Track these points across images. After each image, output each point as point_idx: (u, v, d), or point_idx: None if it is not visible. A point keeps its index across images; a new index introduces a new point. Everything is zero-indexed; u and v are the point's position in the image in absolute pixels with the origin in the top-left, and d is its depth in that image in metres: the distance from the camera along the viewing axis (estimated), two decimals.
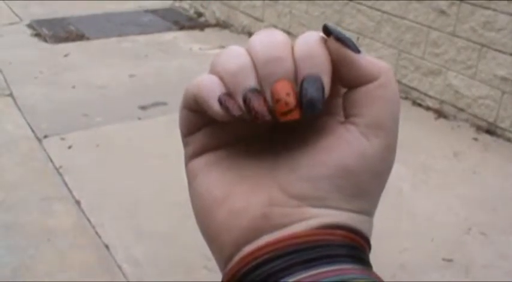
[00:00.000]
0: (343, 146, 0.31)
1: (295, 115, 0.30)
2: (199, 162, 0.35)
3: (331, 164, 0.31)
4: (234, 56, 0.31)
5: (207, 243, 0.34)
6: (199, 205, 0.34)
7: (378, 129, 0.32)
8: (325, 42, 0.31)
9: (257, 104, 0.30)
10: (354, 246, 0.31)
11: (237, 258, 0.31)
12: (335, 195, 0.31)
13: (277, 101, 0.30)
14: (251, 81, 0.31)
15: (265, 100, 0.30)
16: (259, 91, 0.31)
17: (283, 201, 0.31)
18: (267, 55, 0.31)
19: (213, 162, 0.34)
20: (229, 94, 0.31)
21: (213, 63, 0.33)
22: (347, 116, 0.32)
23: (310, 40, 0.31)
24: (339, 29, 0.31)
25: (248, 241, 0.31)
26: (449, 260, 2.25)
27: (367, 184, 0.32)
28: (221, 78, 0.31)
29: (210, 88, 0.31)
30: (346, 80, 0.32)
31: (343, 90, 0.33)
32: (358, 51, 0.31)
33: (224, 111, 0.31)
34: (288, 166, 0.32)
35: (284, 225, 0.31)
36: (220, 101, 0.31)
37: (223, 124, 0.34)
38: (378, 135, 0.31)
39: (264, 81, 0.31)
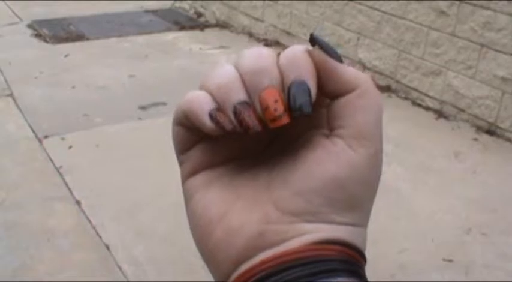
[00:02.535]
0: (331, 158, 0.32)
1: (285, 120, 0.31)
2: (196, 181, 0.35)
3: (321, 177, 0.31)
4: (222, 71, 0.33)
5: (205, 261, 0.34)
6: (196, 224, 0.35)
7: (363, 139, 0.32)
8: (309, 52, 0.32)
9: (247, 115, 0.31)
10: (349, 261, 0.31)
11: (234, 276, 0.32)
12: (328, 209, 0.31)
13: (265, 108, 0.31)
14: (240, 94, 0.32)
15: (254, 111, 0.31)
16: (248, 103, 0.31)
17: (278, 218, 0.32)
18: (253, 66, 0.32)
19: (209, 181, 0.35)
20: (219, 109, 0.32)
21: (202, 81, 0.33)
22: (331, 129, 0.33)
23: (294, 50, 0.32)
24: (324, 38, 0.32)
25: (245, 259, 0.32)
26: (450, 260, 2.25)
27: (358, 195, 0.32)
28: (210, 94, 0.32)
29: (200, 103, 0.32)
30: (327, 89, 0.32)
31: (327, 101, 0.34)
32: (340, 61, 0.32)
33: (216, 125, 0.31)
34: (280, 182, 0.33)
35: (280, 242, 0.31)
36: (211, 116, 0.32)
37: (216, 140, 0.34)
38: (363, 145, 0.32)
39: (251, 91, 0.31)
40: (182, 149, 0.36)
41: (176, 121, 0.35)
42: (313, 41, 0.32)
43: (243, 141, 0.35)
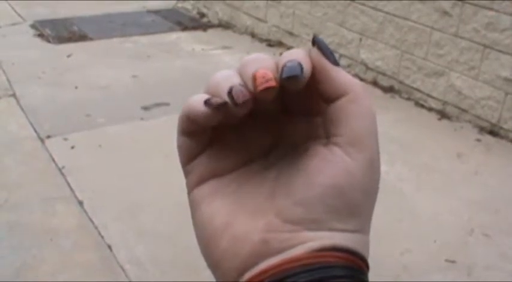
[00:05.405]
0: (329, 166, 0.32)
1: (272, 82, 0.31)
2: (201, 191, 0.36)
3: (320, 185, 0.32)
4: (222, 73, 0.34)
5: (211, 270, 0.35)
6: (202, 234, 0.35)
7: (358, 146, 0.32)
8: (308, 54, 0.33)
9: (239, 90, 0.32)
10: (352, 268, 0.31)
11: None
12: (329, 217, 0.32)
13: (255, 78, 0.31)
14: (234, 80, 0.32)
15: (247, 88, 0.32)
16: (242, 85, 0.32)
17: (281, 226, 0.32)
18: (249, 58, 0.33)
19: (214, 191, 0.35)
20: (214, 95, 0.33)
21: (204, 89, 0.34)
22: (328, 136, 0.34)
23: (294, 50, 0.33)
24: (325, 41, 0.33)
25: (249, 267, 0.32)
26: (452, 261, 2.25)
27: (358, 202, 0.32)
28: (209, 93, 0.33)
29: (197, 98, 0.33)
30: (321, 91, 0.33)
31: (323, 107, 0.34)
32: (336, 64, 0.33)
33: (208, 107, 0.32)
34: (282, 192, 0.33)
35: (283, 250, 0.32)
36: (205, 103, 0.32)
37: (220, 149, 0.35)
38: (359, 151, 0.32)
39: (245, 77, 0.32)
40: (187, 159, 0.36)
41: (180, 130, 0.35)
42: (314, 42, 0.33)
43: (246, 151, 0.36)
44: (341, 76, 0.33)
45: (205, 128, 0.34)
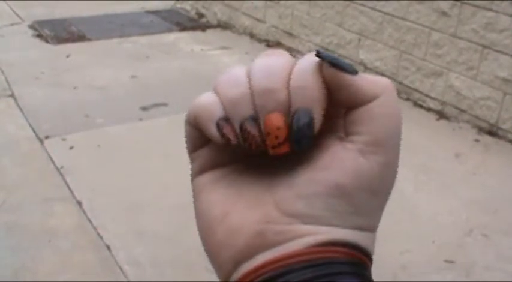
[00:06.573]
0: (338, 164, 0.31)
1: (284, 149, 0.31)
2: (203, 179, 0.36)
3: (325, 183, 0.31)
4: (235, 82, 0.33)
5: (209, 259, 0.34)
6: (201, 222, 0.35)
7: (376, 147, 0.31)
8: (320, 68, 0.31)
9: (252, 134, 0.31)
10: (354, 263, 0.31)
11: (235, 276, 0.32)
12: (330, 214, 0.31)
13: (268, 134, 0.31)
14: (248, 110, 0.32)
15: (260, 130, 0.31)
16: (255, 119, 0.32)
17: (278, 218, 0.31)
18: (263, 86, 0.31)
19: (216, 180, 0.35)
20: (227, 119, 0.32)
21: (215, 83, 0.34)
22: (347, 134, 0.32)
23: (305, 69, 0.32)
24: (331, 54, 0.31)
25: (245, 259, 0.32)
26: (451, 262, 2.25)
27: (363, 202, 0.32)
28: (221, 101, 0.33)
29: (209, 110, 0.33)
30: (347, 102, 0.32)
31: (344, 111, 0.33)
32: (354, 72, 0.31)
33: (221, 136, 0.32)
34: (284, 183, 0.32)
35: (279, 243, 0.31)
36: (218, 126, 0.32)
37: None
38: (375, 152, 0.31)
39: (259, 110, 0.32)
40: (193, 147, 0.36)
41: (187, 121, 0.35)
42: (321, 59, 0.31)
43: None
44: (367, 83, 0.31)
45: None
